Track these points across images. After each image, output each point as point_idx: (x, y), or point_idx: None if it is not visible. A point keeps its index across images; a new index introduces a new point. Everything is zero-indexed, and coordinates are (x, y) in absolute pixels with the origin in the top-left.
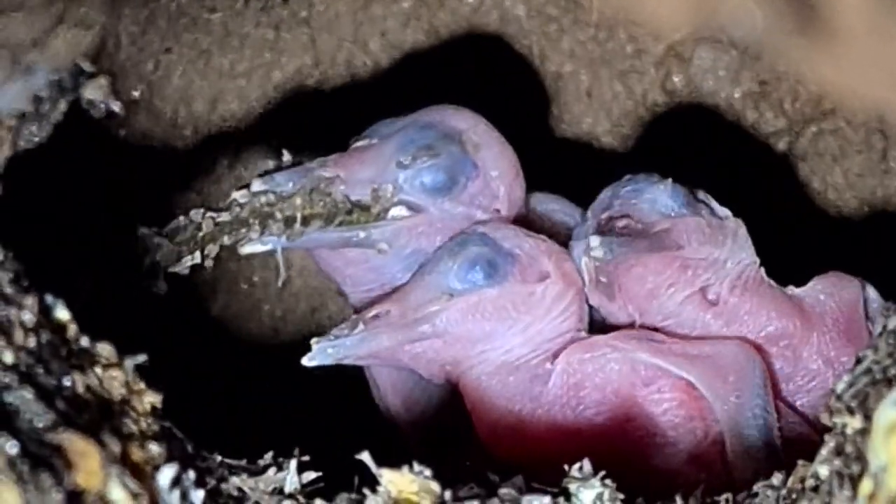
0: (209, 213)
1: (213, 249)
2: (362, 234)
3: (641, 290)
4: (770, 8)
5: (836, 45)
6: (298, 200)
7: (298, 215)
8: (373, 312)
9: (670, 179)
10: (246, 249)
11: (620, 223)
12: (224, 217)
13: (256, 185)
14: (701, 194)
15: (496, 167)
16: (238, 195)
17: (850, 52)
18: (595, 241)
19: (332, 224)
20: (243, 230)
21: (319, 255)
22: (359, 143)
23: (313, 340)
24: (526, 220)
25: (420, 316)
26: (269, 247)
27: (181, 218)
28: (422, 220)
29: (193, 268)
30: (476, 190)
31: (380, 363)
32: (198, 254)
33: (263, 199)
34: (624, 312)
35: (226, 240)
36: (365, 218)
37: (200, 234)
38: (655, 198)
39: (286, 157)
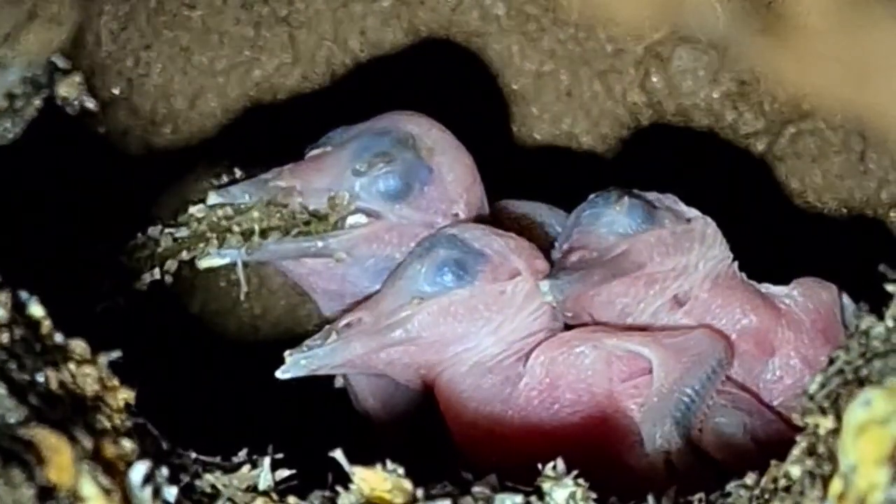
0: (167, 230)
1: (172, 265)
2: (320, 244)
3: (613, 313)
4: (732, 5)
5: (797, 43)
6: (256, 213)
7: (256, 228)
8: (345, 321)
9: (626, 197)
10: (204, 263)
11: (573, 257)
12: (182, 232)
13: (213, 199)
14: (667, 199)
15: (452, 171)
16: (195, 210)
17: (812, 50)
18: (544, 286)
19: (289, 235)
20: (201, 245)
21: (283, 266)
22: (314, 152)
23: (286, 353)
24: (501, 227)
25: (392, 322)
26: (227, 260)
27: (139, 235)
28: (379, 227)
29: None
30: (433, 195)
31: (355, 371)
32: (157, 270)
33: (221, 212)
34: None
35: (184, 255)
36: (323, 227)
37: (159, 250)
38: (612, 220)
39: (238, 172)
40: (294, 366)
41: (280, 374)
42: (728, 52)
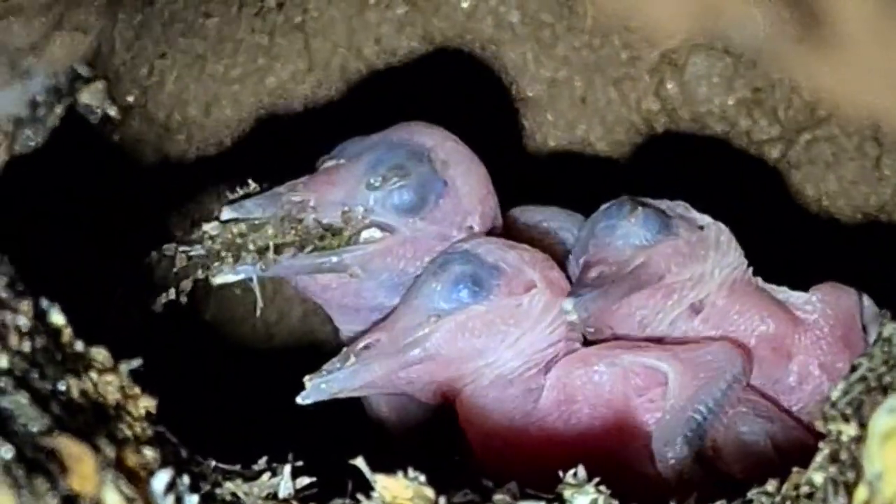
0: (181, 248)
1: (187, 285)
2: (335, 260)
3: (632, 324)
4: (773, 15)
5: (837, 53)
6: (270, 230)
7: (271, 244)
8: (363, 343)
9: (640, 208)
10: (219, 280)
11: (593, 273)
12: (197, 251)
13: (226, 214)
14: (678, 207)
15: (466, 183)
16: (209, 227)
17: (852, 60)
18: (568, 304)
19: (304, 251)
20: (216, 263)
21: (297, 282)
22: (328, 164)
23: (306, 378)
24: (518, 236)
25: (410, 341)
26: (241, 276)
27: (153, 254)
28: (393, 241)
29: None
30: (447, 208)
31: (376, 392)
32: (172, 290)
33: (235, 229)
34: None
35: (199, 273)
36: (337, 242)
37: (174, 270)
38: (628, 232)
39: (252, 185)
40: (314, 391)
41: (300, 399)
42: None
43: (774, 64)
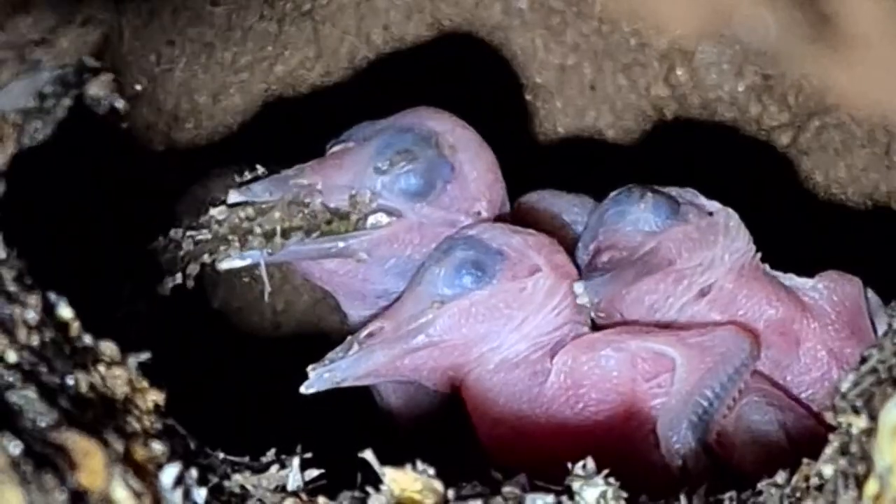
0: (189, 232)
1: (194, 269)
2: (341, 245)
3: (641, 309)
4: (783, 16)
5: (849, 53)
6: (277, 214)
7: (278, 228)
8: (367, 331)
9: (650, 194)
10: (225, 265)
11: (604, 258)
12: (204, 235)
13: (233, 197)
14: (687, 193)
15: (474, 169)
16: (215, 212)
17: (864, 60)
18: (579, 287)
19: (311, 236)
20: (223, 247)
21: (303, 268)
22: (336, 148)
23: (309, 368)
24: (530, 222)
25: (413, 327)
26: (248, 261)
27: (160, 238)
28: (400, 227)
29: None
30: (454, 193)
31: (383, 380)
32: (179, 275)
33: (242, 213)
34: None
35: (206, 258)
36: (344, 227)
37: (181, 254)
38: (637, 218)
39: (260, 169)
40: (318, 380)
41: (304, 389)
42: (774, 59)
43: (787, 64)
